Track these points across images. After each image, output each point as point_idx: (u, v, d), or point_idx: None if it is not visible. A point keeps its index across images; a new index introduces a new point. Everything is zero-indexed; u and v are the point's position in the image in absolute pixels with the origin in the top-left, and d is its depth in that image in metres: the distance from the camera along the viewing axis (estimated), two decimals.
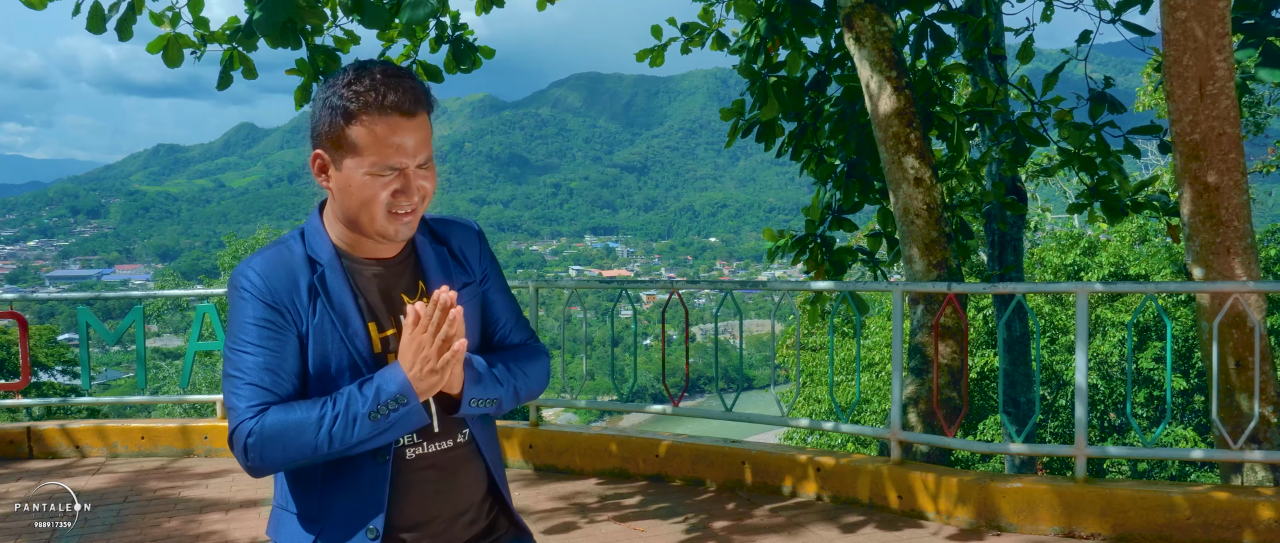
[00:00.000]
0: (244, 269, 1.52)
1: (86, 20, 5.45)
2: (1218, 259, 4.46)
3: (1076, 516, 4.09)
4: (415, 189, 1.49)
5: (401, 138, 1.46)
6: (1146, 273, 17.33)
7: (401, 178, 1.48)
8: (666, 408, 5.54)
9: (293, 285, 1.50)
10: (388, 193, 1.48)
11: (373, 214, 1.49)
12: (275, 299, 1.49)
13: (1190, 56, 4.39)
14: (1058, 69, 6.87)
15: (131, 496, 5.11)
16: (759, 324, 54.82)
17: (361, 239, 1.55)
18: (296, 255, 1.53)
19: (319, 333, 1.50)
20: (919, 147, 5.66)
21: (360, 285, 1.56)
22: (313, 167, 1.54)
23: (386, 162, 1.46)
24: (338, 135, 1.48)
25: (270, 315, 1.48)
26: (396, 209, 1.49)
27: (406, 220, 1.51)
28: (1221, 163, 4.41)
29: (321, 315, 1.51)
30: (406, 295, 1.59)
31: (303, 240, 1.56)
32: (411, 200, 1.49)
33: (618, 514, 4.65)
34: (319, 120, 1.51)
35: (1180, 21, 4.37)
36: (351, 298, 1.53)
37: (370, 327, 1.54)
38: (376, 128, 1.45)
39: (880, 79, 5.66)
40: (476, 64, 6.84)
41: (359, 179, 1.47)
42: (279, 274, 1.51)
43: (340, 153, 1.48)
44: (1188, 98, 4.42)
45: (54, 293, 19.19)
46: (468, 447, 1.61)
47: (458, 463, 1.60)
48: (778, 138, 7.24)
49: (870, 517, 4.47)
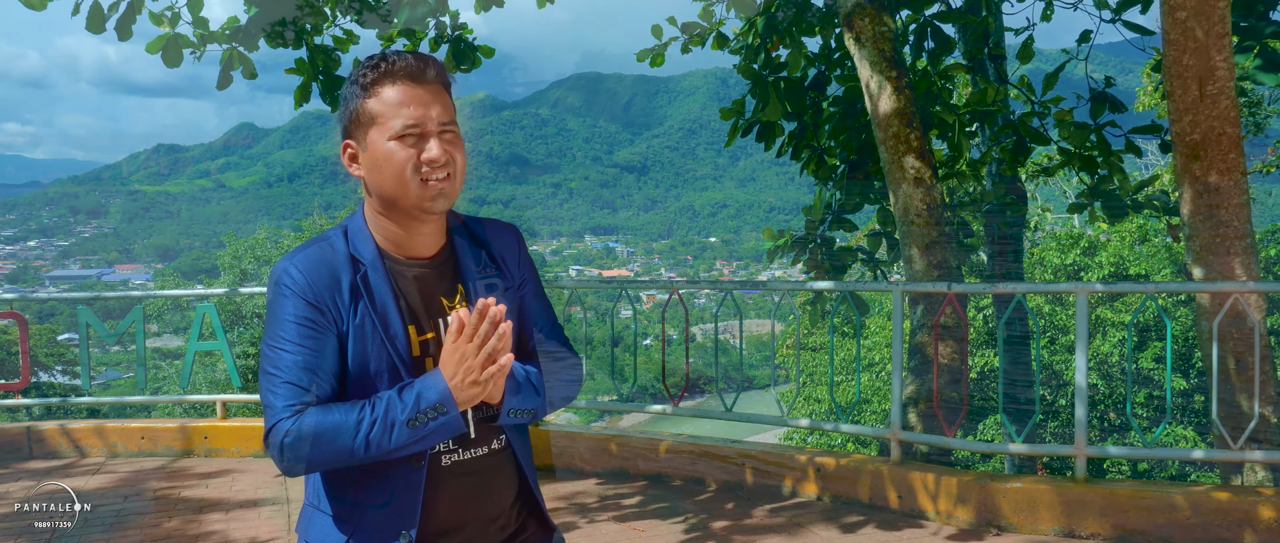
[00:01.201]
0: (286, 266, 1.50)
1: (86, 20, 5.45)
2: (1218, 259, 4.46)
3: (1076, 516, 4.09)
4: (442, 151, 1.49)
5: (416, 100, 1.48)
6: (1146, 273, 17.32)
7: (425, 139, 1.49)
8: (666, 408, 5.54)
9: (334, 284, 1.49)
10: (416, 157, 1.48)
11: (405, 185, 1.48)
12: (317, 297, 1.48)
13: (1190, 56, 4.39)
14: (1058, 69, 6.87)
15: (131, 496, 5.11)
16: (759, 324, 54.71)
17: (403, 238, 1.55)
18: (339, 253, 1.52)
19: (359, 333, 1.49)
20: (919, 146, 5.66)
21: (401, 287, 1.55)
22: (344, 158, 1.55)
23: (406, 122, 1.47)
24: (357, 113, 1.50)
25: (311, 314, 1.47)
26: (429, 177, 1.48)
27: (441, 188, 1.50)
28: (1221, 163, 4.41)
29: (363, 316, 1.50)
30: (445, 299, 1.58)
31: (345, 238, 1.55)
32: (441, 164, 1.49)
33: (618, 514, 4.65)
34: (342, 110, 1.54)
35: (1180, 21, 4.37)
36: (392, 299, 1.52)
37: (410, 329, 1.53)
38: (389, 93, 1.48)
39: (880, 79, 5.66)
40: (476, 64, 6.84)
41: (385, 148, 1.48)
42: (321, 272, 1.49)
43: (363, 130, 1.50)
44: (1188, 98, 4.42)
45: (54, 293, 19.17)
46: (503, 453, 1.60)
47: (492, 469, 1.59)
48: (778, 138, 7.24)
49: (870, 517, 4.47)
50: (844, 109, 6.93)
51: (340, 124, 1.56)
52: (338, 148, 1.57)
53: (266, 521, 4.64)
